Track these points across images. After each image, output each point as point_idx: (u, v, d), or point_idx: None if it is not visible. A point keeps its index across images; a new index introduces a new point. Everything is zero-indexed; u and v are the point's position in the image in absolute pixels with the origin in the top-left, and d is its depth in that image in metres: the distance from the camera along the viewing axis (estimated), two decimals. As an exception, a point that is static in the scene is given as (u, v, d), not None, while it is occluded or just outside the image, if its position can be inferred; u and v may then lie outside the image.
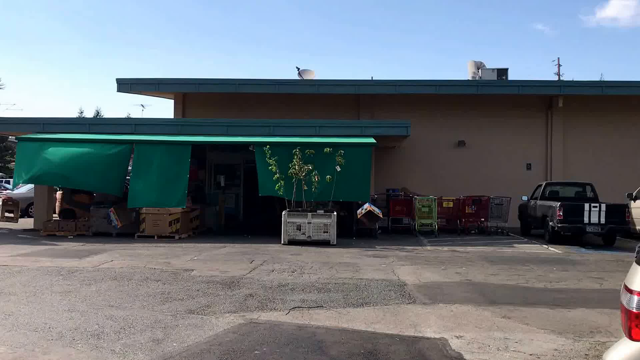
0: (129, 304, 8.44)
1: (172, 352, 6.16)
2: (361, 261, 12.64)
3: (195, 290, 9.45)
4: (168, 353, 6.12)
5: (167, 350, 6.23)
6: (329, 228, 15.62)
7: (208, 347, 6.33)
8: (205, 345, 6.38)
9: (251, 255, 13.44)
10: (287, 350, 6.21)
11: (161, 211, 17.14)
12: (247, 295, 9.03)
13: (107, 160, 17.52)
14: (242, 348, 6.28)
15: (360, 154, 16.94)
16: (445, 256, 13.63)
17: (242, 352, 6.13)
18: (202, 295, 9.08)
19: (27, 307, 8.22)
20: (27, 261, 12.35)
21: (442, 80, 21.26)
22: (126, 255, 13.38)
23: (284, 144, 17.03)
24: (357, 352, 6.18)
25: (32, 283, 9.92)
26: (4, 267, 11.62)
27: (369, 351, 6.21)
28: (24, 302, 8.51)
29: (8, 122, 20.58)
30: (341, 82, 21.37)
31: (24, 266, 11.67)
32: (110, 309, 8.13)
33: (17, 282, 10.00)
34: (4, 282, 10.06)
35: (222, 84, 21.72)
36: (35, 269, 11.38)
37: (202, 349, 6.26)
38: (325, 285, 9.82)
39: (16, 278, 10.39)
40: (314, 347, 6.37)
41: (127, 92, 22.31)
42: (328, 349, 6.29)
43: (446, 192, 20.01)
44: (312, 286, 9.76)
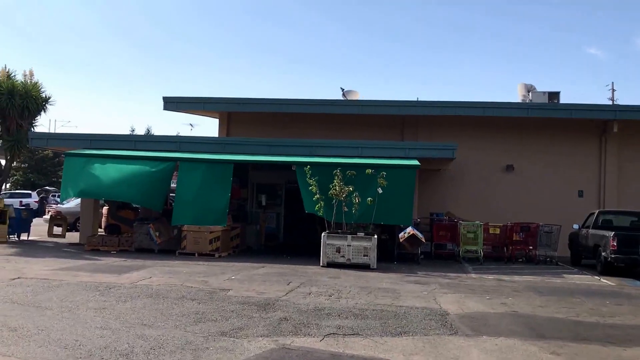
0: (162, 323, 8.29)
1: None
2: (401, 287, 12.29)
3: (229, 311, 9.26)
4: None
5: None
6: (369, 251, 15.29)
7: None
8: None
9: (289, 277, 13.22)
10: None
11: (202, 229, 17.09)
12: (281, 319, 8.79)
13: (150, 175, 17.60)
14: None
15: (403, 176, 16.62)
16: (491, 285, 13.15)
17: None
18: (236, 316, 8.89)
19: (60, 322, 8.15)
20: (67, 275, 12.38)
21: (490, 102, 20.81)
22: (165, 273, 13.31)
23: (325, 165, 16.82)
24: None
25: (69, 298, 9.89)
26: (45, 280, 11.66)
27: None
28: (58, 317, 8.45)
29: (57, 137, 20.95)
30: (385, 103, 21.13)
31: (64, 280, 11.68)
32: (142, 328, 7.99)
33: (54, 297, 9.99)
34: (42, 295, 10.06)
35: (266, 103, 21.71)
36: (74, 283, 11.38)
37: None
38: (363, 312, 9.52)
39: (54, 292, 10.38)
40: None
41: (174, 111, 22.48)
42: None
43: (492, 218, 19.48)
44: (349, 312, 9.47)
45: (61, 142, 20.09)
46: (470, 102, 20.95)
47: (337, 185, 15.77)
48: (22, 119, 20.55)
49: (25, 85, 20.92)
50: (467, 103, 20.91)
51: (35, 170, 53.20)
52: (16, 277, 11.92)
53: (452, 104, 20.80)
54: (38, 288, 10.74)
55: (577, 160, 21.81)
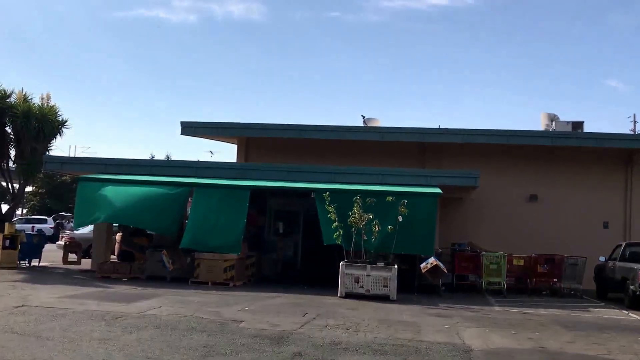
0: (168, 357, 7.79)
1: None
2: (423, 320, 11.68)
3: (240, 344, 8.73)
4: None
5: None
6: (388, 282, 14.70)
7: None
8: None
9: (305, 308, 12.66)
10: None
11: (216, 257, 16.62)
12: (295, 354, 8.25)
13: (164, 200, 17.25)
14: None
15: (424, 204, 16.08)
16: (516, 319, 12.48)
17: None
18: (247, 350, 8.36)
19: (60, 355, 7.68)
20: (73, 303, 11.94)
21: (513, 131, 20.26)
22: (175, 302, 12.82)
23: (344, 191, 16.34)
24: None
25: (73, 328, 9.42)
26: (49, 309, 11.22)
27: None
28: (59, 349, 7.98)
29: (72, 161, 20.75)
30: (407, 130, 20.66)
31: (69, 309, 11.24)
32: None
33: (57, 326, 9.53)
34: (44, 325, 9.61)
35: (285, 129, 21.36)
36: (80, 312, 10.93)
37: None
38: (382, 347, 8.94)
39: (58, 321, 9.94)
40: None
41: (191, 136, 22.20)
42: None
43: (516, 249, 18.81)
44: (367, 347, 8.90)
45: (76, 166, 19.85)
46: (493, 130, 20.43)
47: (357, 213, 15.26)
48: (37, 143, 20.35)
49: (41, 109, 20.76)
50: (490, 131, 20.39)
51: (53, 196, 53.24)
52: (20, 304, 11.50)
53: (475, 132, 20.28)
54: (41, 317, 10.29)
55: (603, 191, 21.11)
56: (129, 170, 18.96)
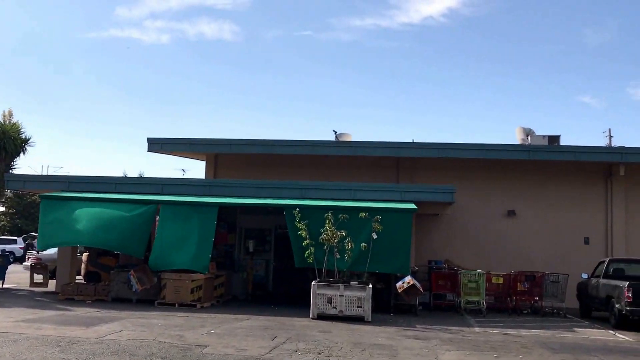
0: (121, 389, 7.09)
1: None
2: (399, 343, 11.06)
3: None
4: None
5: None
6: (363, 302, 14.08)
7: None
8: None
9: (274, 331, 11.99)
10: None
11: (183, 277, 15.88)
12: (261, 383, 7.60)
13: (130, 220, 16.51)
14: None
15: (399, 220, 15.53)
16: (497, 340, 11.92)
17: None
18: (209, 380, 7.69)
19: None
20: (29, 328, 11.15)
21: (490, 145, 19.81)
22: (138, 325, 12.08)
23: (315, 207, 15.74)
24: None
25: (24, 355, 8.66)
26: (2, 334, 10.43)
27: None
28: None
29: (35, 179, 19.84)
30: (380, 145, 20.11)
31: (24, 334, 10.46)
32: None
33: (7, 353, 8.77)
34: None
35: (255, 144, 20.71)
36: (34, 337, 10.16)
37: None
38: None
39: (9, 348, 9.17)
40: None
41: (158, 152, 21.45)
42: None
43: (494, 266, 18.35)
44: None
45: (39, 184, 18.99)
46: (469, 144, 19.96)
47: (329, 230, 14.67)
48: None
49: (2, 126, 19.93)
50: (466, 145, 19.94)
51: (23, 216, 51.91)
52: (-31, 330, 10.68)
53: (451, 146, 19.81)
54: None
55: (583, 206, 20.74)
56: (93, 187, 18.16)
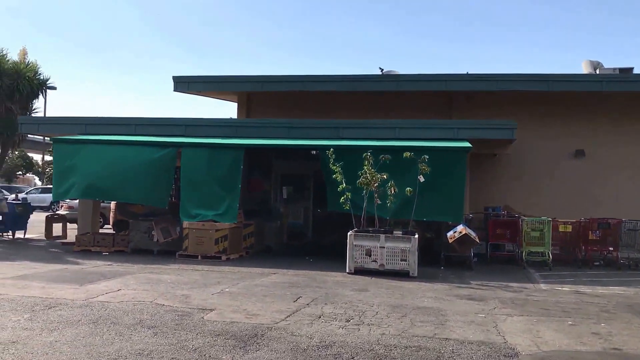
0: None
1: None
2: (449, 306, 9.05)
3: (190, 349, 6.25)
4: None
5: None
6: (407, 255, 12.07)
7: None
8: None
9: (301, 289, 10.13)
10: None
11: (206, 226, 14.17)
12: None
13: (150, 166, 14.79)
14: None
15: (451, 161, 13.36)
16: (569, 301, 9.76)
17: None
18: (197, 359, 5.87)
19: None
20: (12, 287, 9.58)
21: (556, 75, 17.15)
22: (144, 282, 10.42)
23: (352, 148, 13.71)
24: None
25: (-20, 324, 7.02)
26: (-24, 294, 8.88)
27: None
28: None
29: (50, 122, 18.31)
30: (429, 77, 17.69)
31: (1, 295, 8.87)
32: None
33: (-37, 321, 7.16)
34: (-54, 320, 7.23)
35: (290, 81, 18.60)
36: (9, 299, 8.57)
37: None
38: (390, 351, 6.38)
39: (-30, 314, 7.56)
40: None
41: (185, 92, 19.59)
42: None
43: (559, 213, 15.99)
44: (369, 350, 6.36)
45: (54, 127, 17.42)
46: (531, 74, 17.33)
47: (368, 172, 12.61)
48: (12, 102, 17.98)
49: (16, 65, 18.36)
50: (528, 76, 17.33)
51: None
52: (-57, 290, 9.16)
53: (511, 77, 17.24)
54: (-48, 307, 7.95)
55: (663, 144, 18.04)
56: (112, 130, 16.48)
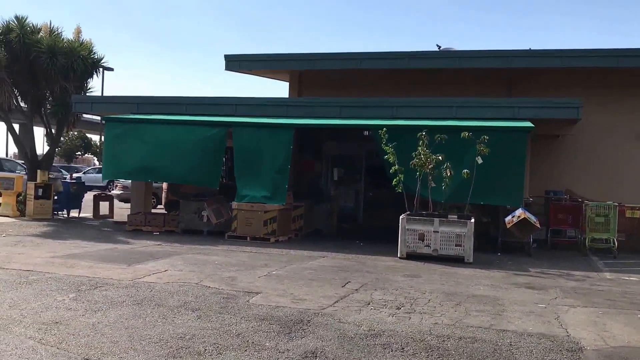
0: (116, 357, 5.17)
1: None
2: (506, 295, 8.57)
3: (233, 334, 5.98)
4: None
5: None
6: (462, 240, 11.57)
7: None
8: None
9: (350, 274, 9.79)
10: None
11: (255, 207, 13.95)
12: (307, 353, 5.46)
13: (200, 146, 14.62)
14: None
15: (511, 142, 12.75)
16: (638, 292, 9.15)
17: None
18: (238, 346, 5.60)
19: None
20: (60, 266, 9.52)
21: (625, 50, 16.18)
22: (191, 264, 10.25)
23: (406, 128, 13.22)
24: None
25: (24, 304, 6.92)
26: (25, 272, 8.87)
27: None
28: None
29: (102, 101, 18.40)
30: (489, 54, 16.90)
31: (48, 273, 8.82)
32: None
33: (8, 299, 7.09)
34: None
35: (343, 59, 18.13)
36: (57, 278, 8.48)
37: None
38: (443, 342, 5.98)
39: (16, 293, 7.49)
40: None
41: (236, 71, 19.37)
42: None
43: (625, 198, 15.16)
44: (420, 341, 5.97)
45: (106, 106, 17.45)
46: (598, 49, 16.34)
47: (422, 153, 12.13)
48: (67, 81, 18.07)
49: (70, 43, 18.43)
50: (594, 51, 16.37)
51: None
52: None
53: (576, 53, 16.37)
54: (2, 284, 7.92)
55: None
56: (163, 109, 16.36)
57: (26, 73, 18.35)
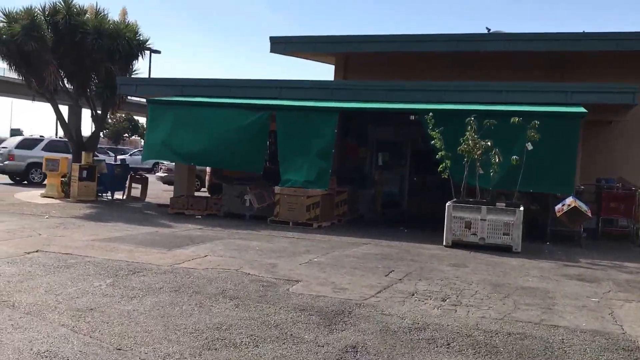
0: (149, 347, 5.02)
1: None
2: (557, 287, 8.20)
3: (271, 324, 5.80)
4: None
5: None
6: (511, 229, 11.17)
7: None
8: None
9: (393, 262, 9.53)
10: None
11: (298, 192, 13.77)
12: (347, 347, 5.24)
13: (244, 130, 14.46)
14: None
15: (563, 127, 12.25)
16: (696, 287, 8.69)
17: None
18: (276, 338, 5.42)
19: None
20: (100, 249, 9.48)
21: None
22: (232, 249, 10.13)
23: (453, 112, 12.84)
24: None
25: (60, 289, 6.86)
26: (64, 255, 8.84)
27: None
28: (8, 327, 5.45)
29: (147, 83, 18.42)
30: (540, 36, 16.31)
31: (87, 257, 8.78)
32: (110, 354, 4.78)
33: (44, 284, 7.04)
34: (31, 282, 7.13)
35: (391, 41, 17.73)
36: (95, 262, 8.42)
37: None
38: (491, 337, 5.69)
39: (53, 277, 7.45)
40: None
41: (281, 53, 19.15)
42: None
43: (682, 187, 14.49)
44: (467, 336, 5.70)
45: (151, 88, 17.46)
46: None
47: (470, 139, 11.74)
48: (113, 63, 18.11)
49: (116, 25, 18.46)
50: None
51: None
52: (35, 250, 9.17)
53: (632, 36, 15.66)
54: (39, 269, 7.86)
55: None
56: (207, 92, 16.26)
57: (72, 54, 18.47)
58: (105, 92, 18.41)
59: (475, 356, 5.17)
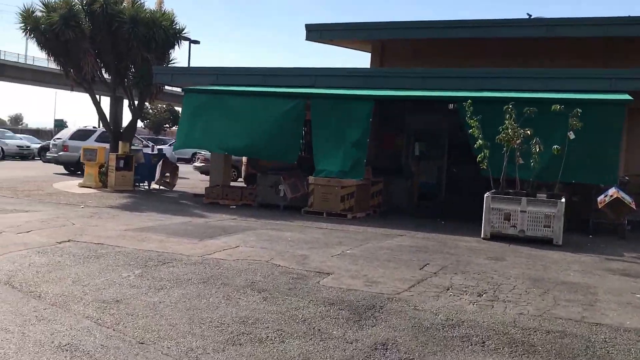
0: (172, 342, 4.91)
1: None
2: (599, 282, 7.84)
3: (299, 319, 5.62)
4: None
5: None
6: (551, 221, 10.78)
7: None
8: None
9: (429, 255, 9.26)
10: None
11: (332, 183, 13.55)
12: (377, 344, 5.03)
13: (279, 119, 14.28)
14: None
15: (607, 116, 11.77)
16: None
17: None
18: (303, 334, 5.24)
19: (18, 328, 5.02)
20: (131, 239, 9.42)
21: None
22: (264, 240, 9.98)
23: (492, 100, 12.44)
24: None
25: (88, 279, 6.80)
26: (96, 245, 8.81)
27: None
28: (32, 318, 5.39)
29: (183, 72, 18.39)
30: (583, 21, 15.71)
31: (117, 247, 8.72)
32: (132, 348, 4.66)
33: (72, 275, 6.99)
34: (61, 272, 7.10)
35: (428, 27, 17.33)
36: (125, 252, 8.35)
37: None
38: (529, 335, 5.42)
39: (83, 267, 7.41)
40: None
41: (317, 41, 18.91)
42: None
43: None
44: (503, 333, 5.44)
45: (187, 77, 17.41)
46: None
47: (509, 127, 11.35)
48: (149, 52, 18.11)
49: (152, 14, 18.46)
50: None
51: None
52: (67, 239, 9.17)
53: (682, 20, 15.05)
54: (69, 259, 7.83)
55: None
56: (242, 80, 16.14)
57: (108, 44, 18.51)
58: (142, 81, 18.40)
59: (511, 355, 4.92)
